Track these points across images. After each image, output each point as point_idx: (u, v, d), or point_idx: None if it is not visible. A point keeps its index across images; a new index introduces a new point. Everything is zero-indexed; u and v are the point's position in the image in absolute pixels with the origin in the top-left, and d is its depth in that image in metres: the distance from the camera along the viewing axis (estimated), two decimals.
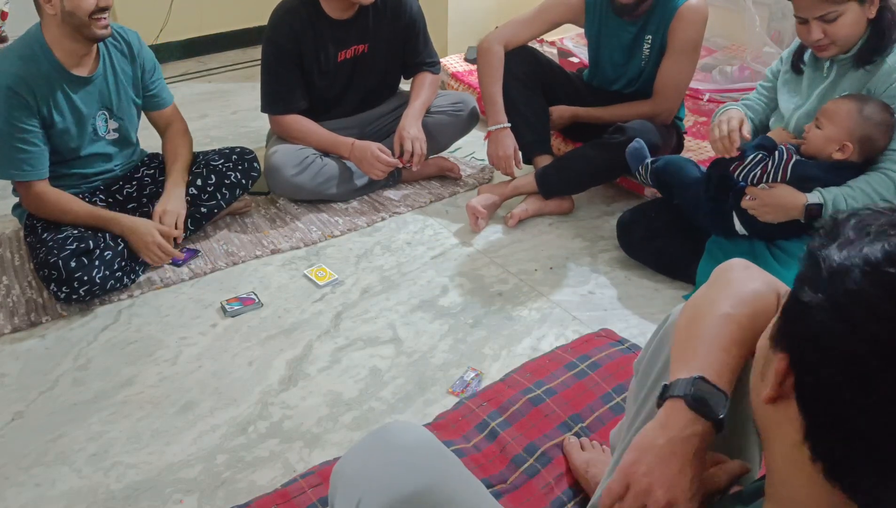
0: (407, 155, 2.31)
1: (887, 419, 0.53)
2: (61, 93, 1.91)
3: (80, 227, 1.95)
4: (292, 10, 2.27)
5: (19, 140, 1.86)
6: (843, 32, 1.67)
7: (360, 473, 0.91)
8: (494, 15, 3.53)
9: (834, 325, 0.55)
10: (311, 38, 2.28)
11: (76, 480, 1.45)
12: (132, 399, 1.65)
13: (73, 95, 1.93)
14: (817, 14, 1.66)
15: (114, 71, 2.02)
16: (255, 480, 1.44)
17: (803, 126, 1.82)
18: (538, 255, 2.18)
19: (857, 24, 1.67)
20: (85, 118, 1.98)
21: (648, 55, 2.24)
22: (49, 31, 1.86)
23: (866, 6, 1.66)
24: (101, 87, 2.00)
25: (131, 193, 2.17)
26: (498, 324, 1.89)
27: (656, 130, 2.19)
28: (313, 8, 2.26)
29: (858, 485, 0.56)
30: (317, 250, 2.21)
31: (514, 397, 1.57)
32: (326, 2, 2.26)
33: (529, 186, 2.32)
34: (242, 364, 1.75)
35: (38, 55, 1.86)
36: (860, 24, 1.68)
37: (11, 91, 1.82)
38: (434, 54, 2.53)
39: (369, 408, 1.62)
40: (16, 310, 1.91)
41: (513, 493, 1.36)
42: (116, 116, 2.06)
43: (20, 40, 1.88)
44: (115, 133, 2.08)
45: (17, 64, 1.84)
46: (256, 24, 3.91)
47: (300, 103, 2.36)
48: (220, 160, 2.21)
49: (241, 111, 3.18)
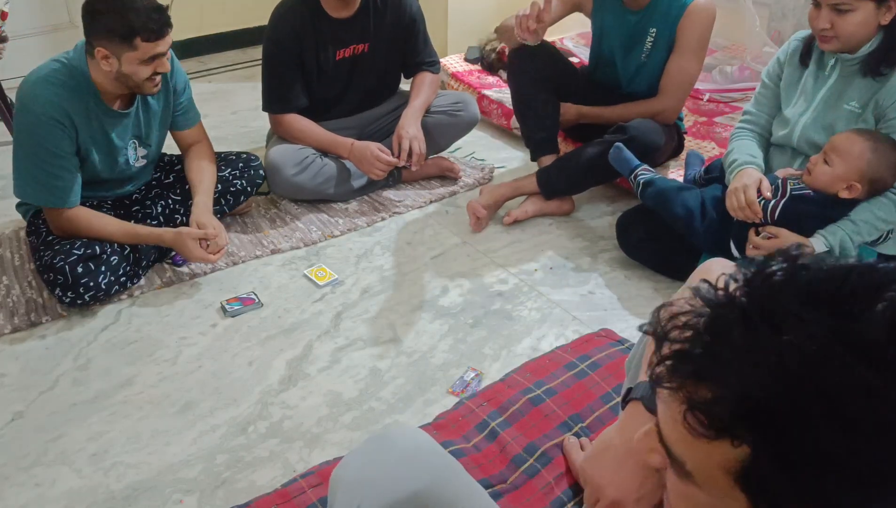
0: (405, 155, 2.30)
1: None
2: (98, 126, 1.89)
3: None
4: (293, 8, 2.27)
5: (57, 167, 1.84)
6: (850, 29, 1.65)
7: (359, 478, 0.91)
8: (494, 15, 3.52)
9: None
10: (311, 37, 2.28)
11: (76, 480, 1.45)
12: (132, 399, 1.65)
13: (107, 129, 1.91)
14: (832, 1, 1.64)
15: (146, 103, 2.00)
16: (255, 480, 1.44)
17: (811, 136, 1.80)
18: (538, 255, 2.18)
19: (865, 25, 1.64)
20: (117, 150, 1.96)
21: (650, 49, 2.24)
22: (97, 73, 1.83)
23: (882, 11, 1.62)
24: (135, 120, 1.98)
25: (137, 196, 2.16)
26: (498, 324, 1.89)
27: (658, 130, 2.19)
28: (314, 6, 2.26)
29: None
30: (317, 250, 2.21)
31: (514, 397, 1.57)
32: (326, 1, 2.26)
33: (530, 187, 2.32)
34: (242, 364, 1.75)
35: (82, 88, 1.83)
36: (869, 26, 1.65)
37: (54, 120, 1.79)
38: (434, 54, 2.53)
39: (369, 408, 1.62)
40: (16, 310, 1.91)
41: (513, 493, 1.36)
42: (145, 144, 2.05)
43: (64, 68, 1.82)
44: (143, 160, 2.07)
45: (60, 94, 1.80)
46: (256, 24, 3.91)
47: (301, 102, 2.36)
48: (226, 169, 2.19)
49: (241, 111, 3.18)
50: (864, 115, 1.73)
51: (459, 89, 3.14)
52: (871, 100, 1.71)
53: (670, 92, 2.25)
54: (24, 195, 1.94)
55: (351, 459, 0.95)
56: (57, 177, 1.85)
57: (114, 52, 1.76)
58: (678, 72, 2.22)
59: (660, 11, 2.19)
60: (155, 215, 2.10)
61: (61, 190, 1.87)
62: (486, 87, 3.08)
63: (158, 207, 2.11)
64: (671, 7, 2.17)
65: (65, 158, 1.85)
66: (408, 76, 2.53)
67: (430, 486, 0.88)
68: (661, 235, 2.01)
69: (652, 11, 2.20)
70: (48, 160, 1.83)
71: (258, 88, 2.41)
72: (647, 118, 2.22)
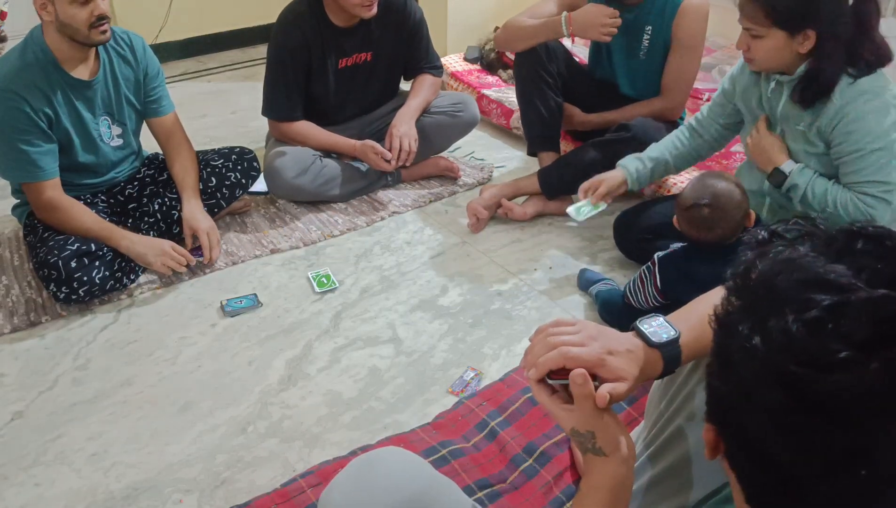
0: (395, 153, 2.29)
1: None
2: (62, 96, 1.90)
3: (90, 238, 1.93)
4: (301, 15, 2.25)
5: (22, 141, 1.86)
6: (761, 55, 1.64)
7: (347, 501, 0.90)
8: (494, 15, 3.53)
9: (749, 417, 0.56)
10: (319, 45, 2.28)
11: (75, 480, 1.45)
12: (132, 399, 1.65)
13: (74, 100, 1.92)
14: (745, 25, 1.63)
15: (114, 75, 2.01)
16: (255, 480, 1.44)
17: None
18: (538, 255, 2.18)
19: (778, 51, 1.61)
20: (87, 124, 1.97)
21: (648, 48, 2.25)
22: (49, 35, 1.86)
23: (798, 39, 1.58)
24: (102, 92, 1.99)
25: (132, 193, 2.17)
26: (497, 324, 1.89)
27: (661, 128, 2.20)
28: (319, 14, 2.26)
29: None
30: (316, 249, 2.21)
31: (513, 396, 1.57)
32: (330, 9, 2.25)
33: (531, 187, 2.32)
34: (242, 364, 1.75)
35: (39, 57, 1.85)
36: (783, 52, 1.61)
37: (11, 92, 1.82)
38: (436, 59, 2.53)
39: (369, 408, 1.62)
40: (15, 310, 1.91)
41: (512, 493, 1.36)
42: (118, 122, 2.06)
43: (22, 43, 1.88)
44: (119, 139, 2.08)
45: (17, 65, 1.84)
46: (256, 24, 3.91)
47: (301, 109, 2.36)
48: (219, 160, 2.20)
49: (240, 111, 3.17)
50: (810, 137, 1.68)
51: (459, 89, 3.14)
52: (812, 125, 1.66)
53: (673, 90, 2.27)
54: (3, 175, 2.03)
55: (338, 483, 0.94)
56: (22, 152, 1.87)
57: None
58: (678, 70, 2.24)
59: (655, 9, 2.21)
60: (152, 213, 2.10)
61: (28, 163, 1.88)
62: (486, 86, 3.08)
63: (155, 204, 2.11)
64: (666, 5, 2.19)
65: (29, 133, 1.86)
66: (408, 78, 2.53)
67: (419, 503, 0.88)
68: (658, 235, 2.01)
69: (647, 9, 2.22)
70: (12, 135, 1.85)
71: (258, 88, 2.41)
72: (652, 117, 2.23)
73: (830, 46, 1.56)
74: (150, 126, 2.16)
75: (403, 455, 0.97)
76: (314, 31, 2.26)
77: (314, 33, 2.26)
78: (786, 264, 0.57)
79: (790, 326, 0.52)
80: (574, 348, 0.84)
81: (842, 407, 0.50)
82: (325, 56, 2.30)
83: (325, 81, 2.35)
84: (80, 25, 1.82)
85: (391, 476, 0.91)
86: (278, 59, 2.31)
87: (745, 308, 0.58)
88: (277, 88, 2.33)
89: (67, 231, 1.93)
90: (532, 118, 2.36)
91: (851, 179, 1.63)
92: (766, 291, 0.56)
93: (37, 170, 1.89)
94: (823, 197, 1.66)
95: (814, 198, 1.67)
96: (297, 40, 2.26)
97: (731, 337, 0.58)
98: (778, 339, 0.53)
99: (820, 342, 0.51)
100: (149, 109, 2.12)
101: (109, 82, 2.00)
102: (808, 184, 1.68)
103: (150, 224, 2.08)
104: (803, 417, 0.52)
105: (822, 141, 1.67)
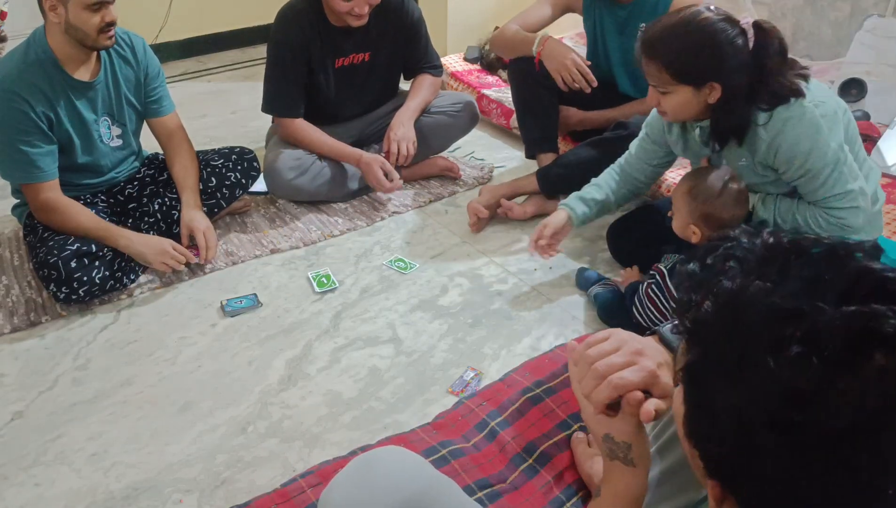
0: (393, 157, 2.30)
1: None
2: (63, 97, 1.90)
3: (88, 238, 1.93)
4: (301, 13, 2.25)
5: (23, 142, 1.86)
6: (672, 108, 1.65)
7: (347, 501, 0.90)
8: (494, 15, 3.53)
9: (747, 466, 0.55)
10: (318, 43, 2.28)
11: (75, 480, 1.45)
12: (132, 399, 1.65)
13: (75, 101, 1.92)
14: (651, 82, 1.64)
15: (115, 76, 2.01)
16: (255, 480, 1.44)
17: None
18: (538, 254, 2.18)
19: (687, 104, 1.62)
20: (88, 124, 1.97)
21: None
22: (52, 36, 1.86)
23: (706, 91, 1.58)
24: (103, 93, 1.99)
25: (132, 193, 2.17)
26: (497, 324, 1.89)
27: None
28: (319, 12, 2.26)
29: None
30: (316, 249, 2.21)
31: (513, 396, 1.57)
32: (329, 10, 2.25)
33: (530, 187, 2.32)
34: (242, 364, 1.75)
35: (41, 58, 1.85)
36: (692, 105, 1.61)
37: (12, 93, 1.82)
38: (436, 58, 2.53)
39: (369, 408, 1.62)
40: (15, 310, 1.91)
41: (512, 493, 1.36)
42: (119, 123, 2.06)
43: (25, 44, 1.88)
44: (118, 140, 2.08)
45: (19, 66, 1.84)
46: (256, 24, 3.91)
47: (303, 107, 2.36)
48: (219, 160, 2.20)
49: (240, 111, 3.18)
50: (756, 170, 1.68)
51: (459, 89, 3.14)
52: (753, 160, 1.67)
53: None
54: (2, 175, 2.02)
55: (337, 483, 0.94)
56: (23, 153, 1.87)
57: (61, 0, 1.79)
58: None
59: (647, 7, 2.22)
60: (152, 213, 2.10)
61: (27, 164, 1.88)
62: (486, 86, 3.09)
63: (155, 204, 2.11)
64: (658, 3, 2.21)
65: (30, 134, 1.86)
66: (408, 78, 2.53)
67: (420, 502, 0.88)
68: (652, 242, 1.99)
69: (640, 7, 2.23)
70: (13, 135, 1.85)
71: (258, 88, 2.41)
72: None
73: (736, 95, 1.57)
74: (151, 126, 2.16)
75: (403, 455, 0.97)
76: (313, 28, 2.26)
77: (313, 31, 2.26)
78: (735, 300, 0.55)
79: (773, 368, 0.51)
80: (625, 373, 0.81)
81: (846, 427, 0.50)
82: (323, 54, 2.30)
83: (324, 80, 2.34)
84: (91, 30, 1.82)
85: (391, 475, 0.91)
86: (278, 56, 2.30)
87: (713, 360, 0.56)
88: (278, 86, 2.33)
89: (65, 232, 1.92)
90: (528, 121, 2.36)
91: (813, 198, 1.64)
92: (727, 336, 0.55)
93: (36, 171, 1.89)
94: (794, 220, 1.67)
95: (784, 223, 1.69)
96: (297, 37, 2.25)
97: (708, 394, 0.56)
98: (763, 386, 0.52)
99: (810, 375, 0.50)
100: (149, 110, 2.12)
101: (110, 83, 2.00)
102: (774, 213, 1.70)
103: (150, 224, 2.08)
104: (810, 451, 0.51)
105: (769, 170, 1.67)
